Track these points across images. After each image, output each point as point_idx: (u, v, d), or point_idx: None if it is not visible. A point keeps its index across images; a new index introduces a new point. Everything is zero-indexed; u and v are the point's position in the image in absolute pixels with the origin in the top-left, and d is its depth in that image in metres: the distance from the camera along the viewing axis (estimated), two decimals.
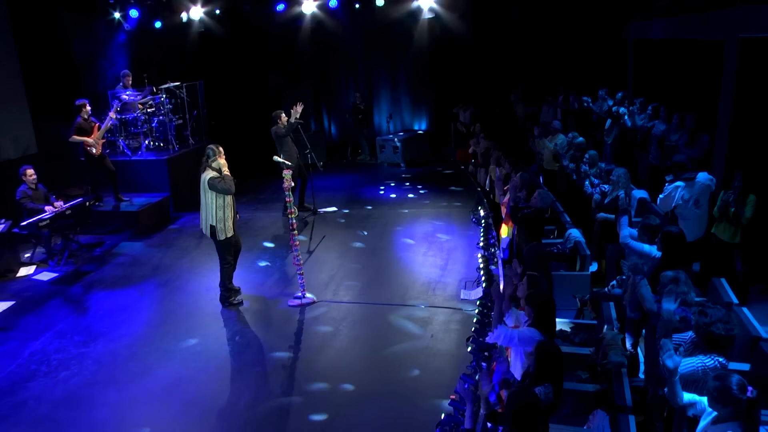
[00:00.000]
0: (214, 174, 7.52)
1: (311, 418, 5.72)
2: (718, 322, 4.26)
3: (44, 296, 8.74)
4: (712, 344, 4.28)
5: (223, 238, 7.71)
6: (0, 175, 11.23)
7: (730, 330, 4.24)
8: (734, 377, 3.55)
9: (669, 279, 4.91)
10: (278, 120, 11.19)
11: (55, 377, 6.59)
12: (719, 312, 4.31)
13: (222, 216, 7.60)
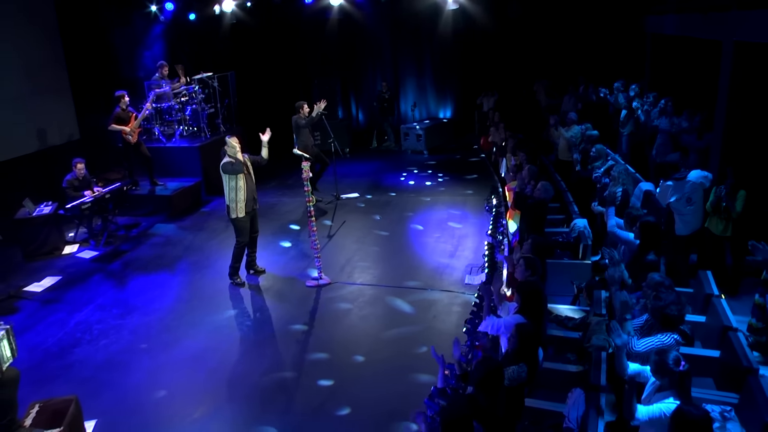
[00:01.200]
0: (227, 159, 8.20)
1: (320, 383, 6.42)
2: (672, 304, 4.84)
3: (86, 272, 9.54)
4: (667, 323, 4.85)
5: (235, 217, 8.41)
6: (47, 160, 12.04)
7: (681, 310, 4.81)
8: (672, 353, 4.12)
9: (654, 283, 5.43)
10: (300, 110, 11.76)
11: (96, 344, 7.40)
12: (671, 295, 4.85)
13: (234, 197, 8.31)
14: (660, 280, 5.29)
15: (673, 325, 4.88)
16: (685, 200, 7.57)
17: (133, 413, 6.06)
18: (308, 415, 5.98)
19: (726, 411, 5.12)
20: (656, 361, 4.14)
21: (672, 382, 4.11)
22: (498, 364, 4.36)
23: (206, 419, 5.97)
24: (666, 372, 4.09)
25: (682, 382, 4.10)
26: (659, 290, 5.04)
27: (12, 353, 5.11)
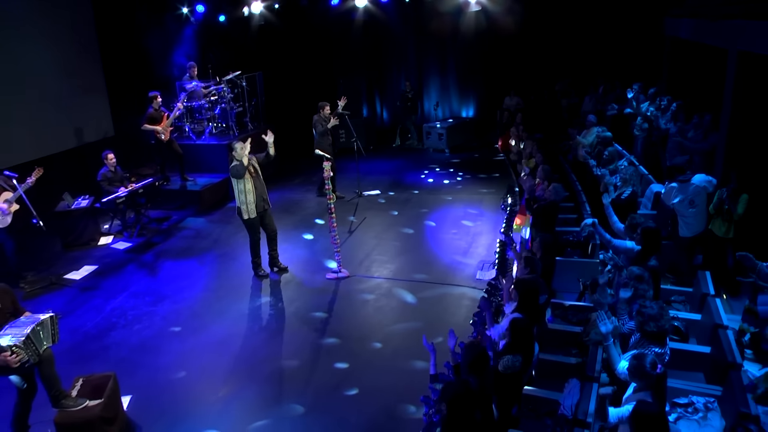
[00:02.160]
0: (234, 163, 8.66)
1: (336, 366, 6.96)
2: (650, 320, 5.11)
3: (121, 262, 10.15)
4: (649, 338, 5.17)
5: (246, 218, 8.86)
6: (83, 156, 12.68)
7: (662, 327, 5.08)
8: (648, 358, 4.48)
9: (634, 276, 5.79)
10: (321, 110, 12.23)
11: (130, 329, 8.00)
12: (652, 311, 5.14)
13: (244, 199, 8.75)
14: (639, 273, 5.64)
15: (656, 340, 5.16)
16: (688, 203, 7.85)
17: (164, 391, 6.64)
18: (323, 395, 6.49)
19: (709, 402, 5.51)
20: (634, 365, 4.47)
21: (648, 385, 4.46)
22: (483, 349, 4.76)
23: (230, 397, 6.51)
24: (643, 375, 4.42)
25: (658, 384, 4.46)
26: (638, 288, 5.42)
27: (53, 339, 5.69)
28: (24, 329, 5.37)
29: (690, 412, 5.51)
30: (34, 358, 5.42)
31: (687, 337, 6.65)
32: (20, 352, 5.27)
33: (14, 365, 5.23)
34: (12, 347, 5.22)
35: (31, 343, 5.37)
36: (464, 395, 4.24)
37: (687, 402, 5.58)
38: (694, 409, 5.52)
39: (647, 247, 6.33)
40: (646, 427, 3.95)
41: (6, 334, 5.34)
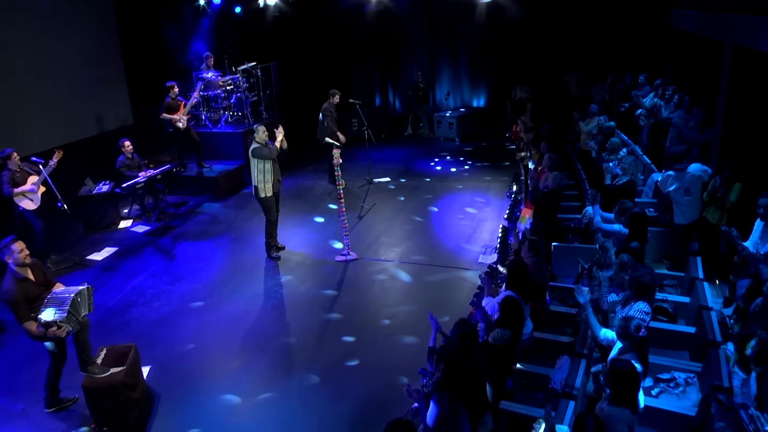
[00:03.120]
0: (257, 144, 9.10)
1: (343, 339, 7.46)
2: (646, 274, 5.55)
3: (140, 245, 10.64)
4: (641, 291, 5.55)
5: (263, 196, 9.32)
6: (104, 143, 13.15)
7: (654, 280, 5.52)
8: (634, 321, 4.87)
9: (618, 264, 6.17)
10: (331, 98, 12.61)
11: (149, 306, 8.49)
12: (646, 268, 5.56)
13: (262, 178, 9.21)
14: (627, 261, 6.01)
15: (647, 292, 5.56)
16: (683, 191, 8.11)
17: (181, 362, 7.13)
18: (330, 366, 6.96)
19: (690, 377, 5.90)
20: (621, 326, 4.93)
21: (632, 346, 4.86)
22: (472, 326, 5.14)
23: (242, 369, 6.99)
24: (627, 336, 4.85)
25: (641, 347, 4.85)
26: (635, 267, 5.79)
27: (89, 308, 6.17)
28: (64, 303, 5.85)
29: (672, 386, 5.90)
30: (77, 326, 5.94)
31: (675, 318, 6.98)
32: (65, 326, 5.81)
33: (62, 336, 5.75)
34: (57, 323, 5.72)
35: (72, 315, 5.87)
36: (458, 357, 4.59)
37: (669, 377, 5.97)
38: (675, 384, 5.91)
39: (633, 231, 6.69)
40: (620, 382, 4.32)
41: (48, 308, 5.83)
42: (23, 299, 5.84)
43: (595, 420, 4.05)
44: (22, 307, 5.83)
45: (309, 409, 6.25)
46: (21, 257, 5.90)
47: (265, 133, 9.24)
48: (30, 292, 5.92)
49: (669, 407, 5.45)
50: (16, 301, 5.81)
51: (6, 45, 11.34)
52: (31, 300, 5.90)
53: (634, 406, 4.44)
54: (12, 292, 5.82)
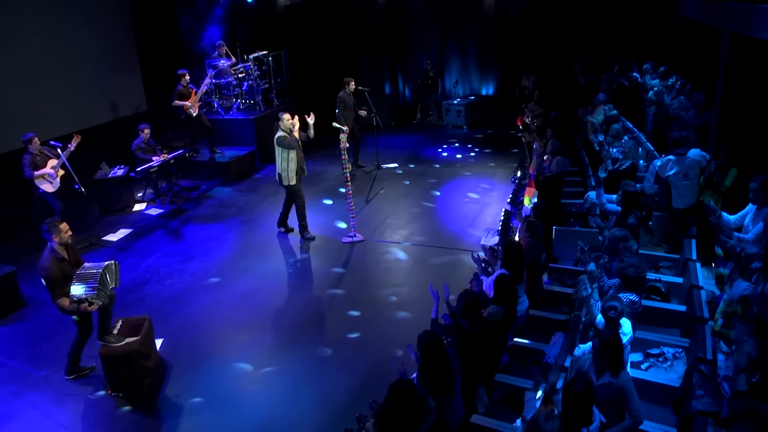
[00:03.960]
0: (282, 134, 9.37)
1: (348, 313, 7.83)
2: (630, 266, 5.75)
3: (153, 226, 10.99)
4: (628, 284, 5.78)
5: (287, 184, 9.60)
6: (119, 129, 13.51)
7: (640, 272, 5.71)
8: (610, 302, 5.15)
9: (616, 237, 6.40)
10: (346, 86, 12.90)
11: (162, 283, 8.85)
12: (633, 259, 5.78)
13: (286, 167, 9.49)
14: (619, 234, 6.25)
15: (634, 285, 5.77)
16: (683, 175, 8.28)
17: (193, 334, 7.50)
18: (334, 338, 7.32)
19: (677, 352, 6.14)
20: (601, 307, 5.20)
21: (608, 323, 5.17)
22: (476, 297, 5.41)
23: (250, 341, 7.34)
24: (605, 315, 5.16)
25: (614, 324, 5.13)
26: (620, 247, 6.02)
27: (116, 282, 6.53)
28: (92, 280, 6.20)
29: (660, 361, 6.15)
30: (105, 300, 6.31)
31: (668, 297, 7.21)
32: (95, 301, 6.17)
33: (92, 310, 6.14)
34: (88, 299, 6.10)
35: (101, 290, 6.23)
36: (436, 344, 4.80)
37: (658, 352, 6.22)
38: (664, 359, 6.16)
39: (626, 207, 6.92)
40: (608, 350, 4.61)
41: (77, 283, 6.18)
42: (60, 277, 6.20)
43: (585, 383, 4.24)
44: (58, 284, 6.19)
45: (312, 379, 6.58)
46: (66, 236, 6.29)
47: (289, 121, 9.45)
48: (65, 270, 6.29)
49: (656, 379, 5.70)
50: (53, 278, 6.18)
51: (25, 33, 11.69)
52: (66, 278, 6.25)
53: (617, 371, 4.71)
54: (51, 270, 6.18)
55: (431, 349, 4.70)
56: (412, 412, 4.14)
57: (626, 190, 7.11)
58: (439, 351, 4.71)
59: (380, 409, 4.23)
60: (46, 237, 6.33)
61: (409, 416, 4.12)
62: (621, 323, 5.30)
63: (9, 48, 11.41)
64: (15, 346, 7.41)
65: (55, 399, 6.43)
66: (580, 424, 4.15)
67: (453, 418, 4.92)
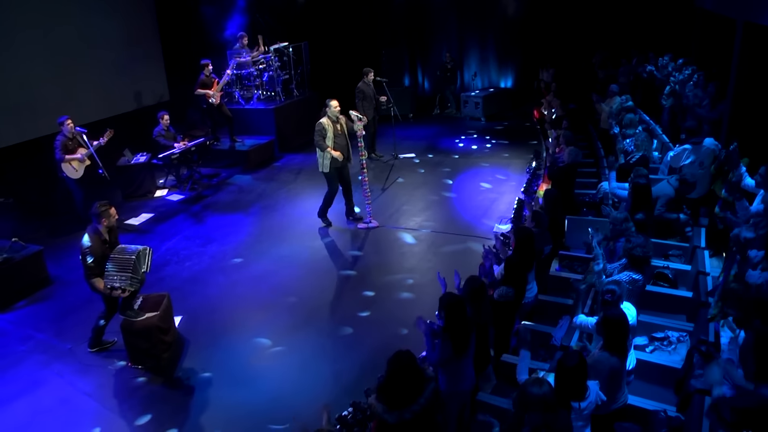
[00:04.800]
0: (321, 120, 9.53)
1: (362, 293, 8.07)
2: (637, 246, 5.86)
3: (174, 211, 11.29)
4: (633, 263, 5.89)
5: (321, 171, 9.78)
6: (142, 118, 13.80)
7: (647, 252, 5.82)
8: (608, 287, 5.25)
9: (617, 219, 6.53)
10: (365, 76, 13.07)
11: (182, 265, 9.14)
12: (639, 239, 5.89)
13: (321, 154, 9.63)
14: (620, 216, 6.37)
15: (640, 264, 5.88)
16: (698, 164, 8.37)
17: (211, 313, 7.78)
18: (346, 318, 7.56)
19: (682, 336, 6.25)
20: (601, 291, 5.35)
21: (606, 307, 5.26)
22: (481, 283, 5.56)
23: (265, 320, 7.60)
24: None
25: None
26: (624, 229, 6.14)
27: (148, 267, 6.81)
28: (126, 269, 6.46)
29: (665, 344, 6.27)
30: (138, 285, 6.59)
31: (676, 284, 7.30)
32: (128, 289, 6.45)
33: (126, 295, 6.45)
34: (122, 288, 6.40)
35: (134, 278, 6.51)
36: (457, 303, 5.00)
37: (663, 336, 6.34)
38: (669, 342, 6.28)
39: (637, 202, 7.02)
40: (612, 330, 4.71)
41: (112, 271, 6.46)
42: (100, 258, 6.47)
43: (579, 356, 4.33)
44: (96, 265, 6.47)
45: (324, 356, 6.82)
46: (114, 221, 6.63)
47: (337, 108, 9.62)
48: (106, 252, 6.56)
49: (660, 361, 5.83)
50: (94, 258, 6.45)
51: (51, 21, 12.04)
52: (104, 259, 6.51)
53: (623, 354, 4.83)
54: (93, 250, 6.47)
55: (453, 307, 4.92)
56: (412, 381, 4.29)
57: (636, 183, 7.18)
58: (460, 309, 4.94)
59: (382, 380, 4.41)
60: (93, 219, 6.62)
61: (409, 386, 4.27)
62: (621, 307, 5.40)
63: (41, 36, 11.79)
64: (42, 321, 7.79)
65: (79, 369, 6.76)
66: (571, 397, 4.25)
67: (466, 383, 5.11)
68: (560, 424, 3.96)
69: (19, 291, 8.34)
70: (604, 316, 4.83)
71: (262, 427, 5.73)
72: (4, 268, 8.23)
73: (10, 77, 11.28)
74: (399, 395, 4.26)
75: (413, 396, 4.28)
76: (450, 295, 5.10)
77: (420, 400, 4.28)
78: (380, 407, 4.26)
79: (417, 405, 4.26)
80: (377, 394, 4.39)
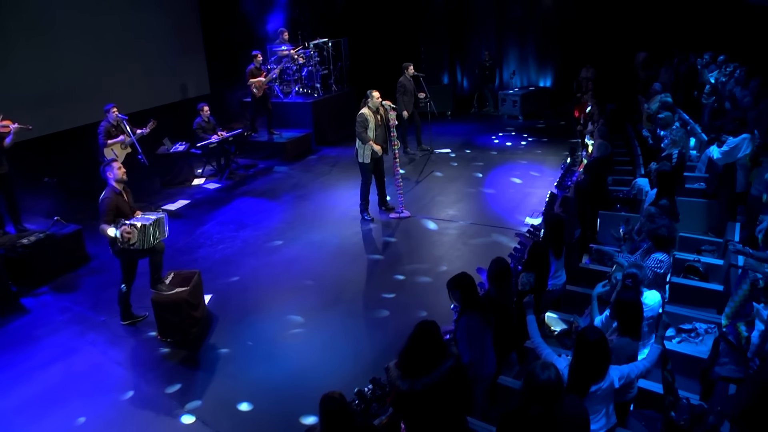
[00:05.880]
0: (362, 118, 9.56)
1: (387, 278, 8.20)
2: (663, 226, 5.83)
3: (210, 199, 11.55)
4: (659, 243, 5.84)
5: (360, 161, 9.84)
6: (183, 110, 14.11)
7: (672, 232, 5.78)
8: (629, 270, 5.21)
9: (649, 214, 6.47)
10: (405, 70, 13.15)
11: (215, 248, 9.35)
12: (664, 220, 5.85)
13: (362, 145, 9.69)
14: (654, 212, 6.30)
15: (665, 244, 5.83)
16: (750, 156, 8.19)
17: (240, 292, 7.96)
18: (372, 301, 7.68)
19: (710, 328, 6.16)
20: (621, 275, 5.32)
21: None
22: (506, 264, 5.57)
23: (293, 300, 7.73)
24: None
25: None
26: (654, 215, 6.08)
27: (162, 233, 7.03)
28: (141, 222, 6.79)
29: (692, 336, 6.19)
30: (141, 245, 6.78)
31: (707, 278, 7.20)
32: (134, 232, 6.67)
33: (126, 239, 6.63)
34: (132, 225, 6.67)
35: (144, 233, 6.75)
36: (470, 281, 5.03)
37: (690, 328, 6.26)
38: (696, 334, 6.19)
39: (661, 188, 6.95)
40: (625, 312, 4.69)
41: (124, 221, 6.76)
42: (114, 208, 6.74)
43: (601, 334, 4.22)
44: (110, 213, 6.73)
45: (348, 335, 6.92)
46: (120, 174, 6.84)
47: (379, 98, 9.70)
48: (120, 205, 6.83)
49: (685, 351, 5.76)
50: (108, 206, 6.73)
51: (99, 13, 12.45)
52: (119, 213, 6.78)
53: (637, 335, 4.79)
54: (108, 199, 6.76)
55: (468, 286, 4.97)
56: (431, 352, 4.22)
57: (661, 170, 7.12)
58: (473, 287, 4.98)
59: (403, 346, 4.38)
60: (105, 177, 6.91)
61: (426, 355, 4.21)
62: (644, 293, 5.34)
63: (88, 28, 12.19)
64: (79, 295, 8.14)
65: (111, 340, 7.02)
66: (590, 375, 4.16)
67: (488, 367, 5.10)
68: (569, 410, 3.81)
69: (59, 267, 8.70)
70: (617, 298, 4.80)
71: (285, 401, 5.84)
72: (46, 245, 8.61)
73: (60, 67, 11.68)
74: (415, 363, 4.20)
75: (428, 368, 4.20)
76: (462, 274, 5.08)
77: (434, 373, 4.18)
78: (395, 372, 4.27)
79: (430, 377, 4.16)
80: (397, 360, 4.36)
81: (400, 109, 12.71)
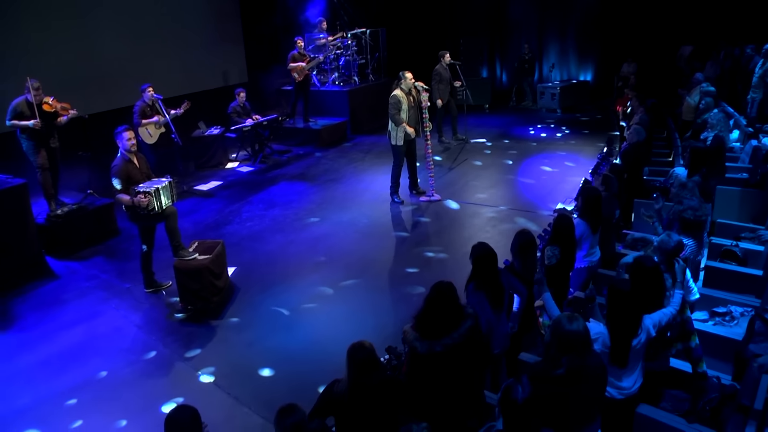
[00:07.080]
0: (395, 100, 9.51)
1: (412, 254, 8.17)
2: (689, 209, 5.57)
3: (243, 181, 11.63)
4: (685, 227, 5.59)
5: (393, 144, 9.78)
6: (220, 96, 14.18)
7: (699, 216, 5.51)
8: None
9: (678, 183, 6.23)
10: (442, 59, 13.05)
11: (243, 225, 9.40)
12: (692, 202, 5.59)
13: (394, 126, 9.63)
14: (684, 180, 6.06)
15: (690, 228, 5.55)
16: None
17: (264, 266, 7.97)
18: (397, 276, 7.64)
19: (746, 311, 5.90)
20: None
21: None
22: (531, 237, 5.38)
23: (318, 276, 7.69)
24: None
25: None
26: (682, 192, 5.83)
27: (170, 199, 7.06)
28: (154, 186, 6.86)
29: (727, 320, 5.94)
30: (159, 208, 6.86)
31: (745, 263, 6.92)
32: (150, 198, 6.73)
33: (144, 205, 6.70)
34: (145, 192, 6.70)
35: (158, 196, 6.82)
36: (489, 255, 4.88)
37: (725, 311, 6.00)
38: (731, 317, 5.94)
39: (693, 165, 6.70)
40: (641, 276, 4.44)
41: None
42: (125, 176, 6.79)
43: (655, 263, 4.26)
44: (122, 181, 6.79)
45: (369, 308, 6.86)
46: (129, 144, 6.84)
47: (411, 80, 9.67)
48: (132, 173, 6.87)
49: (720, 332, 5.53)
50: (117, 172, 6.79)
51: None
52: (130, 180, 6.83)
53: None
54: (119, 167, 6.81)
55: (483, 260, 4.82)
56: (449, 313, 4.11)
57: (694, 147, 6.88)
58: (491, 261, 4.84)
59: (420, 308, 4.26)
60: (118, 144, 6.93)
61: (444, 316, 4.10)
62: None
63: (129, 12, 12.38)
64: (107, 264, 8.29)
65: (133, 305, 7.13)
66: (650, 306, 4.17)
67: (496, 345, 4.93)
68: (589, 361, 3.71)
69: (90, 237, 8.88)
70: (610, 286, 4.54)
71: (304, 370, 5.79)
72: (78, 216, 8.79)
73: (101, 50, 11.87)
74: (433, 325, 4.09)
75: (448, 329, 4.09)
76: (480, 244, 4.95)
77: (454, 334, 4.07)
78: (412, 334, 4.15)
79: (450, 338, 4.05)
80: (413, 322, 4.25)
81: (434, 97, 12.60)
